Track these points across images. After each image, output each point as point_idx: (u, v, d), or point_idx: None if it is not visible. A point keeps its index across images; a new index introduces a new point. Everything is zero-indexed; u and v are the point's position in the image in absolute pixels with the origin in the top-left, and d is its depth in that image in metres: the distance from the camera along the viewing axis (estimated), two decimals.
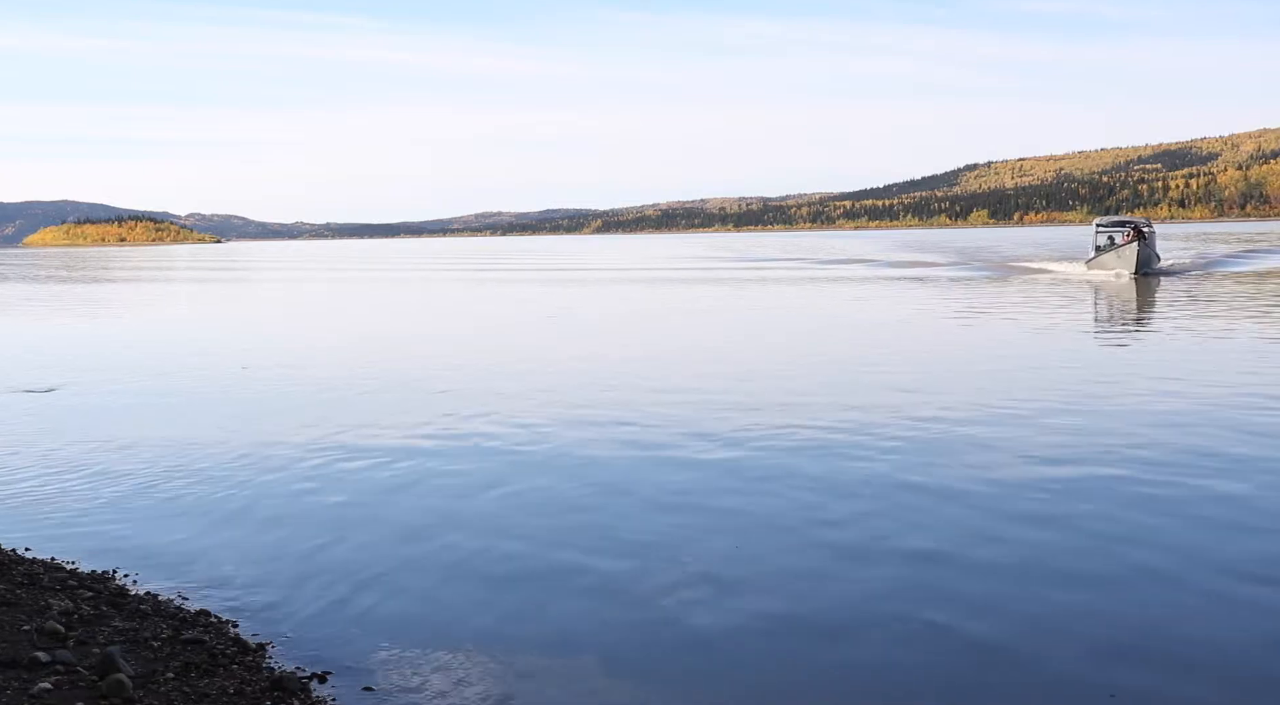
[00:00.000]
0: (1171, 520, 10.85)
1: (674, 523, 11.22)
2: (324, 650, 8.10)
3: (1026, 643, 8.00)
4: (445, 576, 9.75)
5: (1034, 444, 14.42)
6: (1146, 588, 9.02)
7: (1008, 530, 10.65)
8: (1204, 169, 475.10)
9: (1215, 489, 11.93)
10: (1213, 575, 9.26)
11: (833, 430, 15.57)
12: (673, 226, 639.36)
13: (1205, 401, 17.31)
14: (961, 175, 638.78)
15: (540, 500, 12.23)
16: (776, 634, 8.27)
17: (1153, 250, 54.36)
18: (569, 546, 10.51)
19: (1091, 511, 11.19)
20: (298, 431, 16.41)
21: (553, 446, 15.00)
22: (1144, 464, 13.12)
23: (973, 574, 9.46)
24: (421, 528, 11.26)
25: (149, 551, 10.60)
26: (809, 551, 10.18)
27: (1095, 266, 55.06)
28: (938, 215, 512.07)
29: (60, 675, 7.21)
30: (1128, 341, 27.24)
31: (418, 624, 8.61)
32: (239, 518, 11.80)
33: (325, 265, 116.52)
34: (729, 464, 13.72)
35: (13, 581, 9.33)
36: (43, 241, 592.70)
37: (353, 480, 13.37)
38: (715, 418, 16.77)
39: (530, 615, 8.77)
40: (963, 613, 8.56)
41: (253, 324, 40.62)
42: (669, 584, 9.36)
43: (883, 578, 9.38)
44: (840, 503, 11.79)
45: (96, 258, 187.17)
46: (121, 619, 8.55)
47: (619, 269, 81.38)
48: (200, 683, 7.28)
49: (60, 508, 12.30)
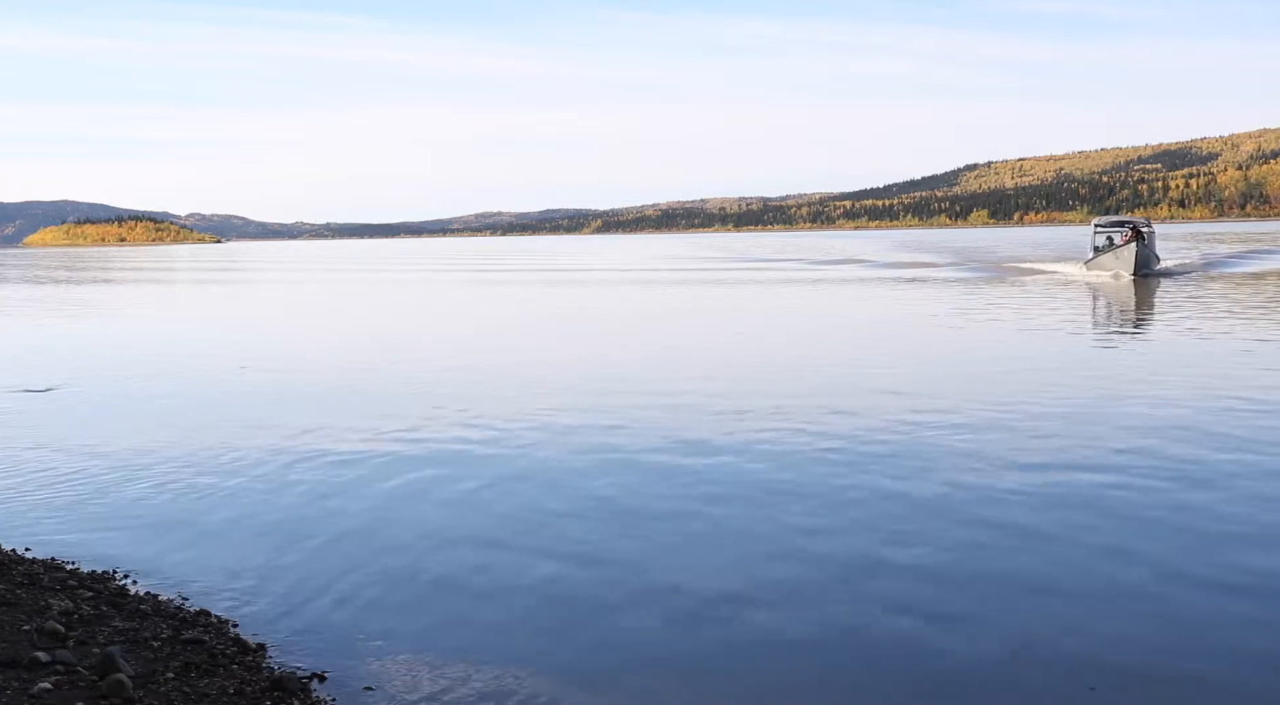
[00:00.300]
0: (1157, 530, 10.86)
1: (671, 530, 11.23)
2: (324, 650, 8.11)
3: (1012, 650, 8.01)
4: (445, 577, 9.76)
5: (1020, 450, 14.42)
6: (1132, 601, 9.03)
7: (993, 538, 10.66)
8: (1204, 169, 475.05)
9: (1209, 495, 11.95)
10: (1200, 588, 9.26)
11: (820, 435, 15.58)
12: (673, 226, 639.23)
13: (1198, 407, 17.30)
14: (961, 175, 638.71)
15: (541, 506, 12.23)
16: (767, 644, 8.28)
17: (1152, 251, 53.74)
18: (569, 552, 10.52)
19: (1081, 521, 11.19)
20: (299, 432, 16.42)
21: (552, 452, 15.01)
22: (1131, 472, 13.11)
23: (957, 583, 9.46)
24: (423, 529, 11.27)
25: (149, 551, 10.61)
26: (797, 561, 10.18)
27: (1094, 267, 54.52)
28: (938, 215, 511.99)
29: (60, 675, 7.22)
30: (1123, 345, 27.24)
31: (418, 624, 8.62)
32: (239, 518, 11.81)
33: (326, 266, 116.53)
34: (715, 470, 13.73)
35: (13, 581, 9.34)
36: (43, 241, 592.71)
37: (354, 481, 13.37)
38: (707, 422, 16.79)
39: (530, 617, 8.78)
40: (946, 620, 8.57)
41: (252, 324, 40.63)
42: (668, 592, 9.37)
43: (869, 589, 9.33)
44: (827, 510, 11.79)
45: (96, 258, 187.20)
46: (121, 619, 8.56)
47: (616, 270, 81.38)
48: (200, 683, 7.29)
49: (60, 508, 12.30)
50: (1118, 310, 36.46)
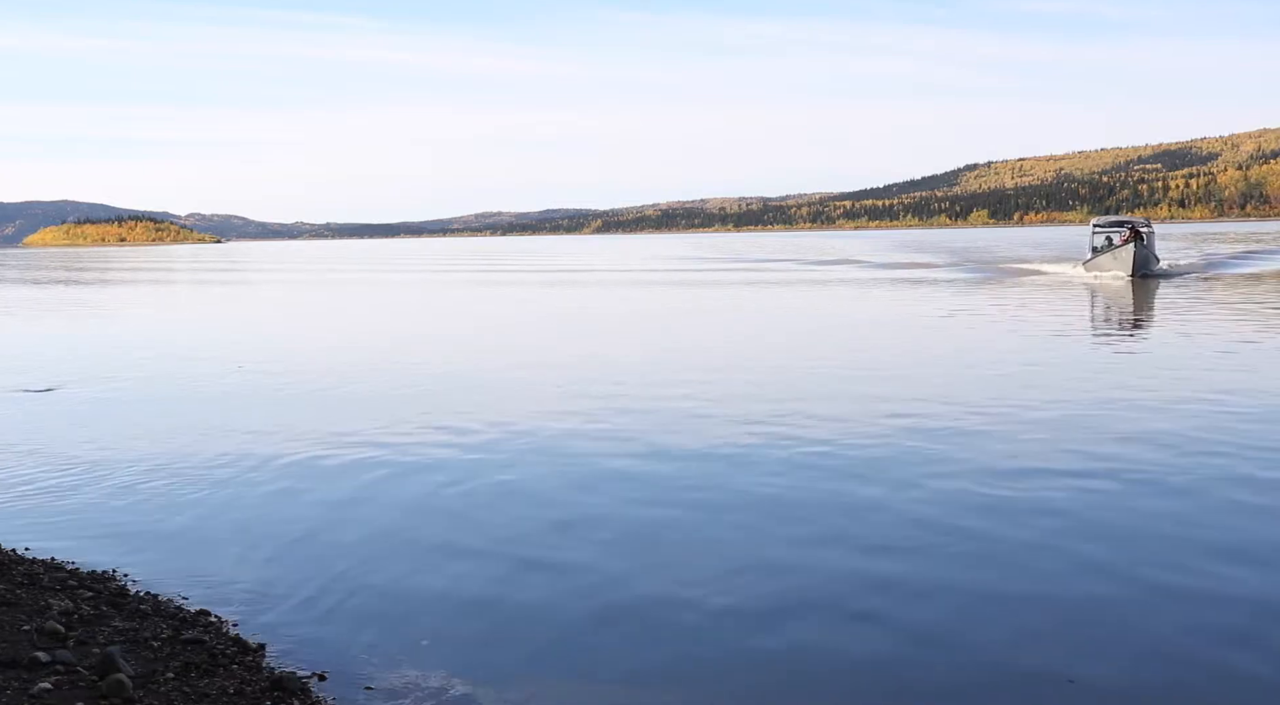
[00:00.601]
0: (1140, 540, 10.87)
1: (670, 541, 11.24)
2: (324, 650, 8.11)
3: (993, 661, 8.01)
4: (446, 577, 9.76)
5: (1006, 457, 14.41)
6: (1106, 613, 9.04)
7: (972, 547, 10.67)
8: (1204, 169, 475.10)
9: (1191, 504, 11.97)
10: (1181, 601, 9.27)
11: (806, 441, 15.60)
12: (673, 226, 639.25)
13: (1189, 413, 17.31)
14: (961, 175, 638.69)
15: (541, 514, 12.22)
16: (749, 653, 8.28)
17: (1151, 251, 53.13)
18: (570, 550, 10.53)
19: (1058, 528, 11.20)
20: (299, 432, 16.42)
21: (552, 458, 15.02)
22: (1118, 478, 13.12)
23: (942, 593, 9.46)
24: (424, 529, 11.27)
25: (149, 552, 10.61)
26: (781, 571, 10.19)
27: (1092, 268, 53.74)
28: (938, 215, 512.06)
29: (60, 675, 7.22)
30: (1120, 347, 27.24)
31: (419, 624, 8.62)
32: (240, 518, 11.81)
33: (326, 266, 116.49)
34: (705, 477, 13.75)
35: (13, 581, 9.34)
36: (43, 241, 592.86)
37: (355, 481, 13.37)
38: (693, 426, 16.82)
39: (531, 617, 8.78)
40: (927, 629, 8.57)
41: (252, 324, 40.62)
42: (676, 592, 9.38)
43: (850, 602, 9.22)
44: (809, 519, 11.81)
45: (97, 258, 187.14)
46: (121, 619, 8.56)
47: (613, 270, 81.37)
48: (200, 683, 7.29)
49: (60, 508, 12.30)
50: (1115, 313, 36.27)
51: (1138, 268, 49.64)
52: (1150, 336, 28.22)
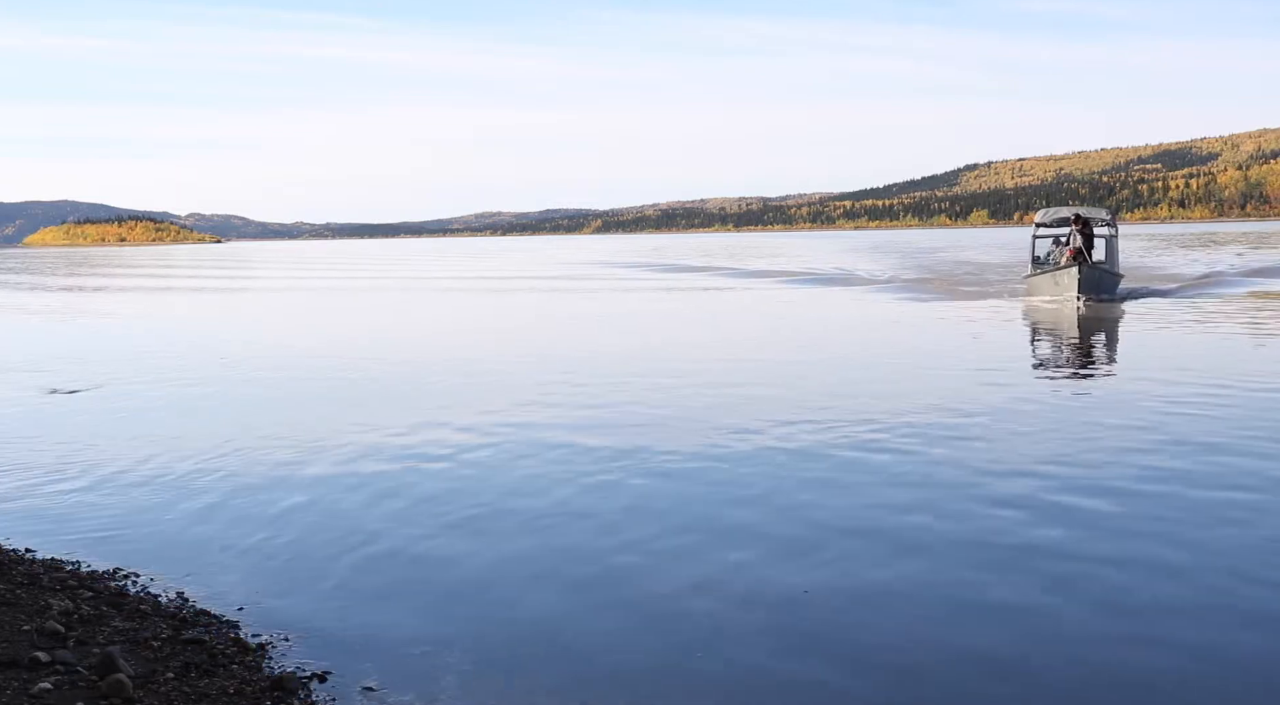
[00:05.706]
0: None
1: (687, 534, 11.25)
2: (324, 650, 8.09)
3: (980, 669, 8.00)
4: (447, 577, 9.75)
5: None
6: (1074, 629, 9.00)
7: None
8: (1204, 169, 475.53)
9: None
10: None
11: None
12: (673, 226, 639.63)
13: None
14: (961, 175, 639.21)
15: (543, 504, 12.22)
16: (740, 655, 8.28)
17: (1107, 266, 39.37)
18: (570, 550, 10.51)
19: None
20: (300, 432, 16.40)
21: (552, 458, 15.00)
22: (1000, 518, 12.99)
23: (930, 600, 9.46)
24: (425, 529, 11.25)
25: (149, 551, 10.60)
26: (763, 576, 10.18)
27: (1033, 289, 39.73)
28: (938, 215, 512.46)
29: (60, 675, 7.22)
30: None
31: (419, 624, 8.61)
32: (240, 518, 11.79)
33: (326, 266, 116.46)
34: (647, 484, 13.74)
35: (13, 581, 9.34)
36: (43, 241, 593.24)
37: (355, 481, 13.35)
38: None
39: (532, 617, 8.77)
40: (920, 633, 8.57)
41: (251, 324, 40.59)
42: (683, 590, 9.37)
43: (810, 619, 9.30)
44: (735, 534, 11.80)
45: (96, 257, 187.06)
46: (121, 619, 8.56)
47: (454, 277, 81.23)
48: (200, 683, 7.28)
49: (61, 508, 12.29)
50: (1049, 355, 24.86)
51: (1086, 289, 36.42)
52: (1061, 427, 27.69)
